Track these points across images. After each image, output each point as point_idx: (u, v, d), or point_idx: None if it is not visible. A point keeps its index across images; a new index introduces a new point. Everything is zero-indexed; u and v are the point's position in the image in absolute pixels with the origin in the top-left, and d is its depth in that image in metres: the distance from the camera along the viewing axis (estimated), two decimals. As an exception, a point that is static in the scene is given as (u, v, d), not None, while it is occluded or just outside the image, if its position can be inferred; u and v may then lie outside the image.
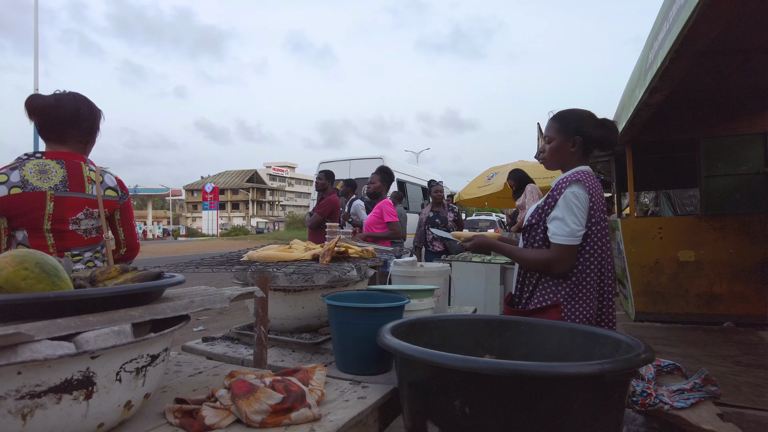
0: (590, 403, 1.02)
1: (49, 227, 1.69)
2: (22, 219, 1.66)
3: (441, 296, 2.27)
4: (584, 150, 1.79)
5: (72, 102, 1.76)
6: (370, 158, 10.36)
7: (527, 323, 1.49)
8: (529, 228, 1.81)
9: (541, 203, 1.77)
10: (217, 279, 8.96)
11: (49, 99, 1.73)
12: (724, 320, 5.12)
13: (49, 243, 1.70)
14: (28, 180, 1.65)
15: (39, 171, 1.68)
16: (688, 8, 2.34)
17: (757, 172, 5.27)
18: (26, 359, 0.76)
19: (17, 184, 1.63)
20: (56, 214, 1.69)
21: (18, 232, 1.69)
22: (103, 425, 0.90)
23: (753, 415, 2.72)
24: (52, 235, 1.70)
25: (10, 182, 1.63)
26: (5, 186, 1.62)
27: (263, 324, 1.48)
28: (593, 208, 1.66)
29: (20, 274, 0.94)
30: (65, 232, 1.72)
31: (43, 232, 1.69)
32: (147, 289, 1.06)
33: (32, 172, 1.67)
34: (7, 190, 1.62)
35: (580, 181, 1.68)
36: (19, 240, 1.69)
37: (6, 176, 1.64)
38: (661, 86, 3.39)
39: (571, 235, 1.64)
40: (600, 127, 1.78)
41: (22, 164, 1.68)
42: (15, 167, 1.67)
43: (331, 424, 1.06)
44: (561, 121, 1.81)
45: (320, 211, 5.14)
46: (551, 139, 1.81)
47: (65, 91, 1.80)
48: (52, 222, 1.69)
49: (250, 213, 65.31)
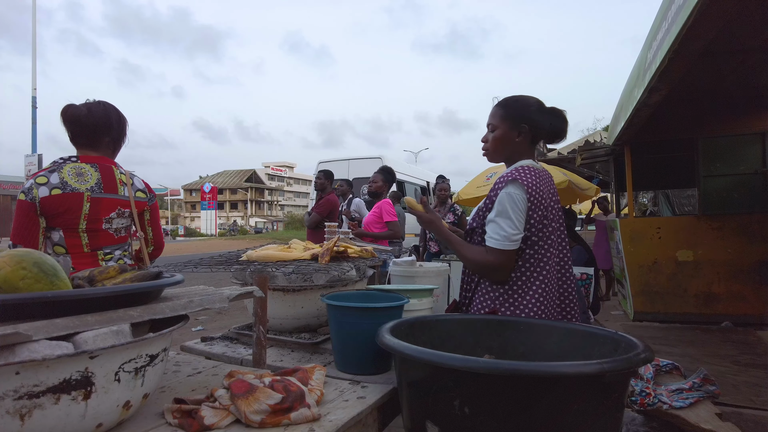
0: (590, 402, 1.02)
1: (84, 227, 1.78)
2: (60, 219, 1.74)
3: (440, 296, 2.27)
4: (531, 140, 1.65)
5: (103, 111, 1.86)
6: (369, 158, 10.36)
7: (526, 323, 1.49)
8: (471, 231, 1.70)
9: (482, 205, 1.66)
10: (216, 279, 8.95)
11: (82, 109, 1.82)
12: (722, 320, 5.13)
13: (84, 242, 1.79)
14: (67, 182, 1.75)
15: (76, 174, 1.78)
16: (687, 8, 2.35)
17: (755, 172, 5.28)
18: (24, 359, 0.76)
19: (57, 186, 1.73)
20: (92, 214, 1.79)
21: (54, 233, 1.77)
22: (101, 425, 0.90)
23: (751, 415, 2.72)
24: (86, 234, 1.79)
25: (50, 184, 1.73)
26: (46, 187, 1.72)
27: (262, 324, 1.48)
28: (532, 209, 1.53)
29: (18, 274, 0.93)
30: (98, 231, 1.82)
31: (78, 232, 1.78)
32: (146, 289, 1.06)
33: (70, 175, 1.76)
34: (48, 191, 1.72)
35: (518, 180, 1.53)
36: (56, 241, 1.77)
37: (46, 178, 1.73)
38: (659, 86, 3.40)
39: (506, 239, 1.51)
40: (549, 115, 1.63)
41: (60, 167, 1.77)
42: (53, 170, 1.76)
43: (331, 424, 1.05)
44: (506, 108, 1.65)
45: (319, 211, 5.13)
46: (495, 128, 1.65)
47: (96, 101, 1.89)
48: (87, 222, 1.78)
49: (248, 213, 65.26)
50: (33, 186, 1.71)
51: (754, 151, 5.29)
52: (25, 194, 1.71)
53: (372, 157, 10.33)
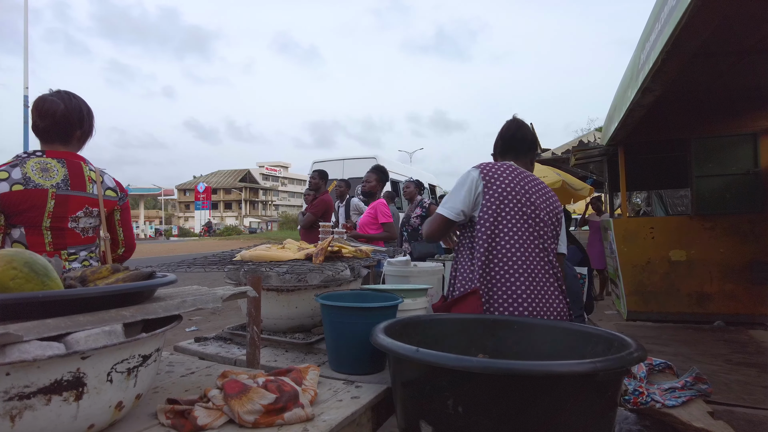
0: (583, 401, 1.02)
1: (49, 225, 1.69)
2: (22, 216, 1.66)
3: (434, 295, 2.28)
4: (500, 153, 1.95)
5: (76, 104, 1.78)
6: (364, 158, 10.35)
7: (520, 322, 1.50)
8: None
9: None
10: (210, 279, 8.92)
11: (58, 103, 1.74)
12: (714, 319, 5.17)
13: (47, 241, 1.70)
14: (30, 177, 1.65)
15: (41, 169, 1.69)
16: (679, 9, 2.36)
17: (747, 173, 5.32)
18: (15, 360, 0.75)
19: (19, 181, 1.63)
20: (57, 211, 1.70)
21: (15, 230, 1.68)
22: (93, 426, 0.89)
23: (743, 413, 2.75)
24: (50, 232, 1.71)
25: (11, 179, 1.63)
26: (6, 183, 1.62)
27: (256, 324, 1.47)
28: (488, 192, 1.68)
29: (9, 274, 0.93)
30: (64, 230, 1.73)
31: (42, 230, 1.69)
32: (138, 289, 1.05)
33: (34, 170, 1.67)
34: (8, 187, 1.62)
35: (479, 166, 1.75)
36: (15, 238, 1.68)
37: (7, 173, 1.63)
38: (653, 87, 3.42)
39: (447, 208, 1.72)
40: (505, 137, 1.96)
41: (23, 162, 1.68)
42: (15, 164, 1.66)
43: (325, 424, 1.05)
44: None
45: (313, 211, 5.12)
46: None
47: (63, 92, 1.79)
48: (52, 220, 1.70)
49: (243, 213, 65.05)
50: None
51: (746, 151, 5.33)
52: None
53: (366, 157, 10.32)
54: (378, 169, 4.86)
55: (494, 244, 1.67)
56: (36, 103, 1.73)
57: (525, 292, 1.64)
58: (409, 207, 5.30)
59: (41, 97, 1.75)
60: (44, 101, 1.73)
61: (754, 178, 5.28)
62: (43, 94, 1.77)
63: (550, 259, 1.71)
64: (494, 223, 1.67)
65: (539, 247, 1.69)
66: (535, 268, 1.67)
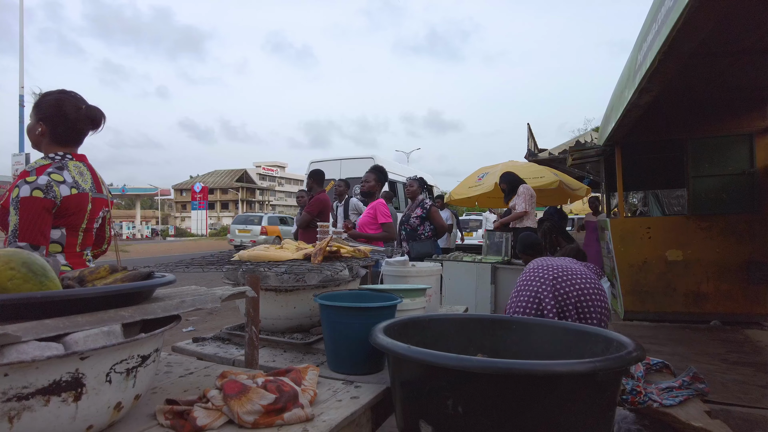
0: (583, 401, 1.03)
1: (84, 227, 1.74)
2: (69, 218, 1.67)
3: (433, 296, 2.28)
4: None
5: (85, 103, 1.78)
6: (361, 158, 10.33)
7: (518, 322, 1.50)
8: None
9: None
10: (208, 279, 8.90)
11: (95, 108, 1.76)
12: (711, 319, 5.18)
13: (78, 242, 1.74)
14: (77, 181, 1.68)
15: (79, 173, 1.71)
16: (676, 10, 2.37)
17: (743, 173, 5.34)
18: (13, 360, 0.75)
19: (73, 185, 1.66)
20: (91, 214, 1.75)
21: (55, 231, 1.68)
22: (92, 427, 0.89)
23: (739, 412, 2.75)
24: (82, 234, 1.75)
25: (68, 183, 1.65)
26: (66, 186, 1.64)
27: (254, 324, 1.47)
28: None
29: (6, 274, 0.92)
30: (89, 231, 1.78)
31: (78, 232, 1.73)
32: (137, 289, 1.05)
33: (77, 174, 1.70)
34: (69, 190, 1.64)
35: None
36: (56, 239, 1.68)
37: (62, 177, 1.64)
38: (650, 87, 3.43)
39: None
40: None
41: (65, 165, 1.68)
42: (61, 167, 1.67)
43: (324, 424, 1.05)
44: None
45: (310, 210, 5.11)
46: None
47: (67, 91, 1.77)
48: (87, 222, 1.74)
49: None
50: (52, 183, 1.59)
51: (742, 151, 5.35)
52: (44, 192, 1.56)
53: (364, 157, 10.30)
54: (377, 169, 4.85)
55: None
56: (92, 113, 1.74)
57: None
58: (409, 206, 5.26)
59: (91, 106, 1.75)
60: (90, 107, 1.74)
61: (750, 178, 5.30)
62: (59, 95, 1.73)
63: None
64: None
65: None
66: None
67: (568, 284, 2.16)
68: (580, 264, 2.34)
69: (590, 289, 2.17)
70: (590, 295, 2.16)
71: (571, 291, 2.14)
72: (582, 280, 2.19)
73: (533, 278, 2.24)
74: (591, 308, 2.14)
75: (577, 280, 2.18)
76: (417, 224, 4.88)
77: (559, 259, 2.40)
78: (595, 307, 2.14)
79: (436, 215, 4.85)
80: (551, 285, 2.16)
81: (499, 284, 4.37)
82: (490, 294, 4.32)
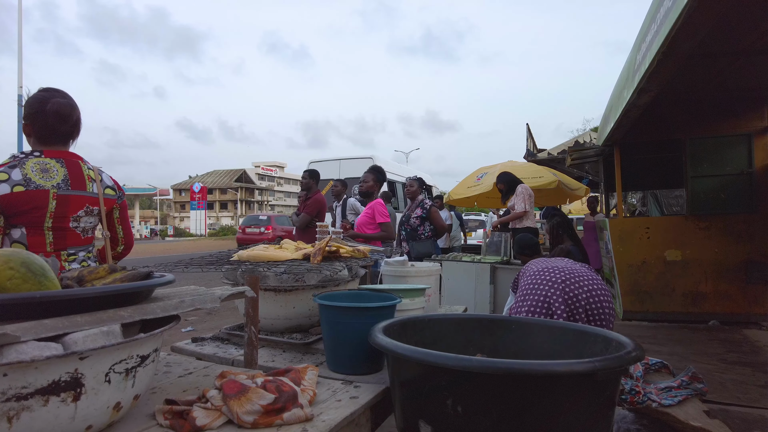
0: (582, 400, 1.03)
1: (50, 225, 1.69)
2: (23, 217, 1.65)
3: (432, 296, 2.28)
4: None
5: (72, 102, 1.77)
6: (360, 158, 10.34)
7: (518, 322, 1.50)
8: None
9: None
10: (207, 279, 8.89)
11: (66, 105, 1.72)
12: (709, 318, 5.19)
13: (48, 241, 1.70)
14: (31, 178, 1.64)
15: (41, 170, 1.68)
16: (675, 11, 2.37)
17: (741, 173, 5.35)
18: (12, 360, 0.75)
19: (20, 183, 1.62)
20: (58, 212, 1.70)
21: (15, 230, 1.67)
22: (91, 427, 0.88)
23: (738, 412, 2.76)
24: (52, 233, 1.70)
25: (12, 180, 1.62)
26: (7, 184, 1.61)
27: (254, 324, 1.47)
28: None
29: (5, 274, 0.92)
30: (65, 230, 1.73)
31: (43, 230, 1.69)
32: (136, 289, 1.04)
33: (34, 171, 1.66)
34: (9, 188, 1.61)
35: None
36: (16, 238, 1.67)
37: (6, 174, 1.62)
38: (649, 87, 3.43)
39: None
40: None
41: (22, 163, 1.66)
42: (14, 165, 1.65)
43: (324, 424, 1.05)
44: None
45: (308, 211, 5.11)
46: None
47: (54, 89, 1.77)
48: (54, 220, 1.69)
49: (238, 213, 64.85)
50: None
51: (741, 152, 5.36)
52: None
53: (363, 157, 10.31)
54: (375, 169, 4.84)
55: None
56: (48, 105, 1.70)
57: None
58: (409, 206, 5.25)
59: (58, 101, 1.71)
60: (53, 102, 1.71)
61: (749, 178, 5.31)
62: (40, 93, 1.74)
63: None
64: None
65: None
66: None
67: (577, 287, 2.15)
68: (581, 266, 2.34)
69: (598, 291, 2.16)
70: (599, 297, 2.15)
71: (581, 294, 2.13)
72: (590, 283, 2.18)
73: (540, 282, 2.22)
74: (600, 311, 2.13)
75: (586, 283, 2.17)
76: (417, 224, 4.89)
77: (560, 261, 2.39)
78: (603, 309, 2.14)
79: (435, 215, 4.86)
80: (561, 289, 2.14)
81: (498, 284, 4.37)
82: (490, 294, 4.33)
